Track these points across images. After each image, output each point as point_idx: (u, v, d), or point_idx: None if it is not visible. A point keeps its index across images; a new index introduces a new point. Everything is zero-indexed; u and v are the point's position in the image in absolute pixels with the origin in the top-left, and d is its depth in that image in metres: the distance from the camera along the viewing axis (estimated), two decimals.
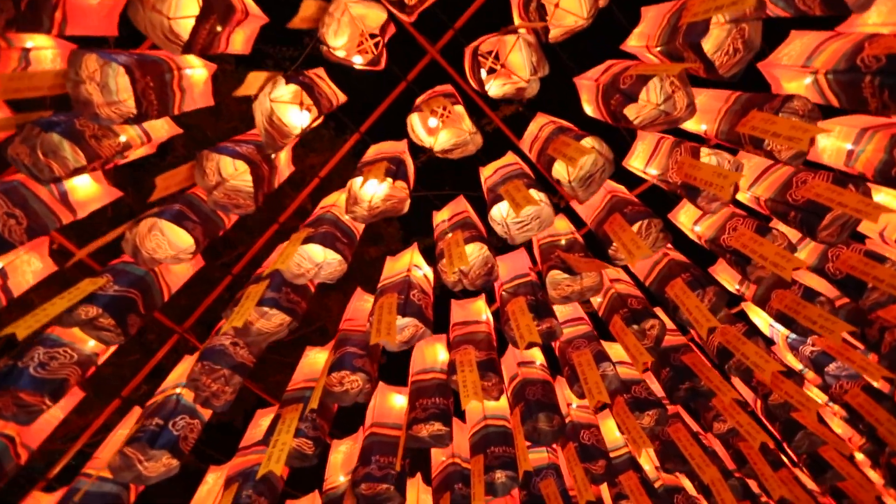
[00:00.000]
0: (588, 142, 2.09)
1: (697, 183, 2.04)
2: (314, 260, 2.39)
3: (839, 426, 3.31)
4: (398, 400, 2.81)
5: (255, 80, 2.02)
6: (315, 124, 2.37)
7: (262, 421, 2.64)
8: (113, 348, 2.34)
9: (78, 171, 2.01)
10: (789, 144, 1.88)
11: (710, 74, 1.90)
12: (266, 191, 2.25)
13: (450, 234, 2.34)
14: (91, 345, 2.25)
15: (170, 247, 2.23)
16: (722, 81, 1.97)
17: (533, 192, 2.09)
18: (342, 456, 2.79)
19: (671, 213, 2.78)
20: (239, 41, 2.38)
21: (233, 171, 2.33)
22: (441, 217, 2.64)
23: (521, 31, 2.01)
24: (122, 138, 2.28)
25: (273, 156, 2.36)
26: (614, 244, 2.32)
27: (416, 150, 2.60)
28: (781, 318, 2.51)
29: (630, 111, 2.10)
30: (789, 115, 1.98)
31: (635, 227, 2.29)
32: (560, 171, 2.26)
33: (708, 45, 2.04)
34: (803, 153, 2.01)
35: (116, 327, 2.09)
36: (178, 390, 2.29)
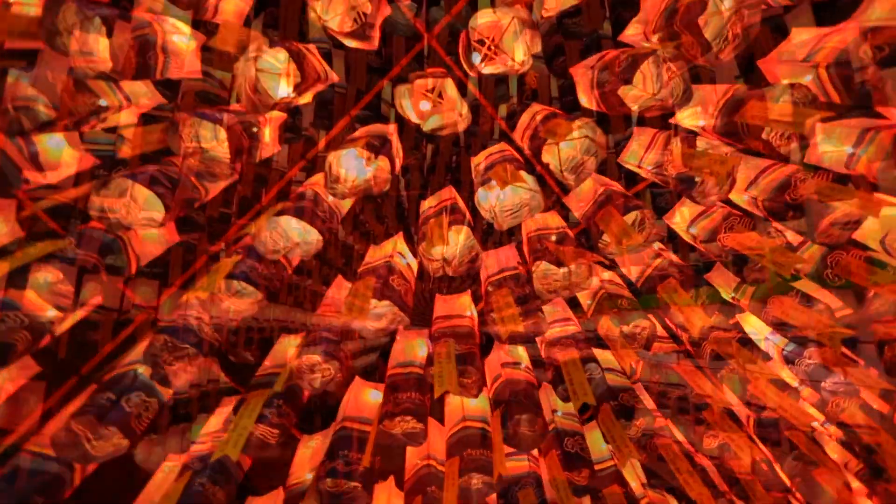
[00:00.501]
0: (580, 125, 2.02)
1: (694, 172, 1.97)
2: (292, 238, 2.29)
3: (835, 450, 3.16)
4: (374, 395, 2.67)
5: (230, 33, 1.93)
6: (301, 100, 2.30)
7: (227, 408, 2.50)
8: (72, 319, 2.22)
9: (48, 126, 1.93)
10: (790, 129, 1.81)
11: (707, 57, 1.84)
12: (245, 162, 2.17)
13: (433, 218, 2.25)
14: (50, 313, 2.13)
15: (141, 214, 2.13)
16: (720, 67, 1.92)
17: (522, 174, 2.02)
18: (311, 451, 2.64)
19: (666, 216, 2.70)
20: (230, 10, 2.34)
21: (213, 142, 2.25)
22: (428, 204, 2.55)
23: (516, 6, 1.95)
24: (103, 103, 2.21)
25: (256, 129, 2.29)
26: (605, 236, 2.24)
27: (411, 146, 2.53)
28: (778, 325, 2.40)
29: (625, 97, 2.03)
30: None
31: (629, 219, 2.20)
32: (550, 156, 2.18)
33: (707, 33, 1.99)
34: (805, 142, 1.94)
35: (74, 294, 1.97)
36: (136, 366, 2.16)
